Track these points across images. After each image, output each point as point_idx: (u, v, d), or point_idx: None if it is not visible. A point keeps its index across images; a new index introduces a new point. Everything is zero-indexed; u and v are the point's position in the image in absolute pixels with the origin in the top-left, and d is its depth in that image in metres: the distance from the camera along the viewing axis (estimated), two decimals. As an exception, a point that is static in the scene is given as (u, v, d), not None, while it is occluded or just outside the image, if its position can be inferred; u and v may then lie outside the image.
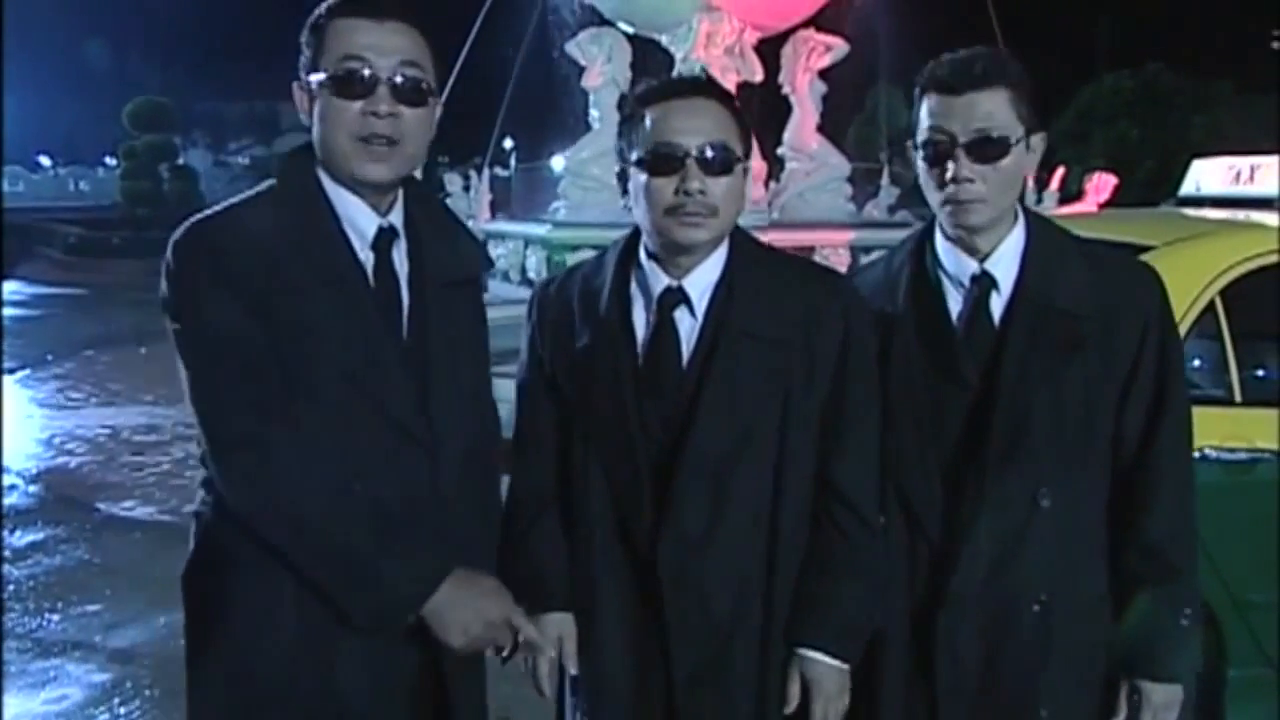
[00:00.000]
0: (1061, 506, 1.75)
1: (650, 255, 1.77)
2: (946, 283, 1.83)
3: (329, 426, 1.57)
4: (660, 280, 1.76)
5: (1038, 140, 1.79)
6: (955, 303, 1.82)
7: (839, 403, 1.74)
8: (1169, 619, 1.77)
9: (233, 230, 1.59)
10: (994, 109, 1.72)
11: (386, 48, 1.57)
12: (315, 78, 1.59)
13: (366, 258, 1.64)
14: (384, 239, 1.65)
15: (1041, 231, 1.83)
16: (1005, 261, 1.80)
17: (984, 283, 1.79)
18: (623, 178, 1.78)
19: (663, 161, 1.69)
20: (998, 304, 1.79)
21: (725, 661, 1.72)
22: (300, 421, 1.55)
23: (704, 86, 1.78)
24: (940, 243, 1.84)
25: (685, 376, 1.73)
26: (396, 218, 1.69)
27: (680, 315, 1.75)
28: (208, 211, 1.64)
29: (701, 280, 1.75)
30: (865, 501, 1.75)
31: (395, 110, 1.58)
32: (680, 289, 1.75)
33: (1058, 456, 1.75)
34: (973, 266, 1.80)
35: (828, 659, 1.71)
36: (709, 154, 1.68)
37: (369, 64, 1.56)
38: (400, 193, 1.71)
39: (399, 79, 1.58)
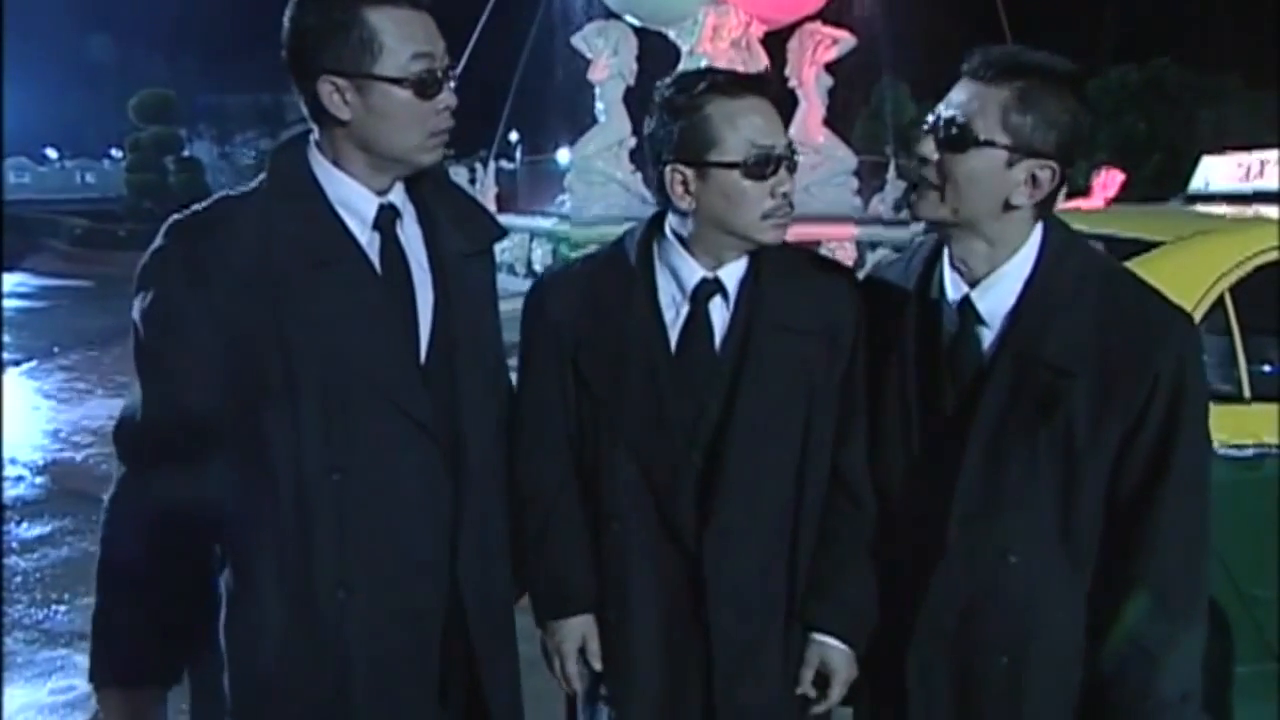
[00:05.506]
0: (1034, 565, 1.63)
1: (684, 246, 1.76)
2: (944, 303, 1.71)
3: (326, 416, 1.54)
4: (694, 271, 1.75)
5: (1040, 170, 1.59)
6: (951, 324, 1.69)
7: (849, 392, 1.76)
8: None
9: (213, 229, 1.55)
10: (980, 103, 1.58)
11: (437, 40, 1.57)
12: (377, 74, 1.53)
13: (370, 239, 1.61)
14: (386, 216, 1.63)
15: (1057, 264, 1.64)
16: (997, 293, 1.64)
17: (968, 313, 1.66)
18: (654, 168, 1.75)
19: (760, 165, 1.68)
20: (987, 337, 1.66)
21: (759, 650, 1.75)
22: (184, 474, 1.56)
23: (772, 84, 1.76)
24: (945, 258, 1.71)
25: (719, 367, 1.73)
26: (397, 197, 1.65)
27: (714, 306, 1.75)
28: (189, 210, 1.59)
29: (735, 272, 1.76)
30: (863, 486, 1.76)
31: (451, 103, 1.60)
32: (717, 280, 1.76)
33: (1030, 516, 1.62)
34: (961, 290, 1.67)
35: (840, 644, 1.74)
36: (793, 156, 1.72)
37: (434, 60, 1.56)
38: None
39: (450, 72, 1.60)
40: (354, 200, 1.60)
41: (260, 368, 1.52)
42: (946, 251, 1.70)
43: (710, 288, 1.75)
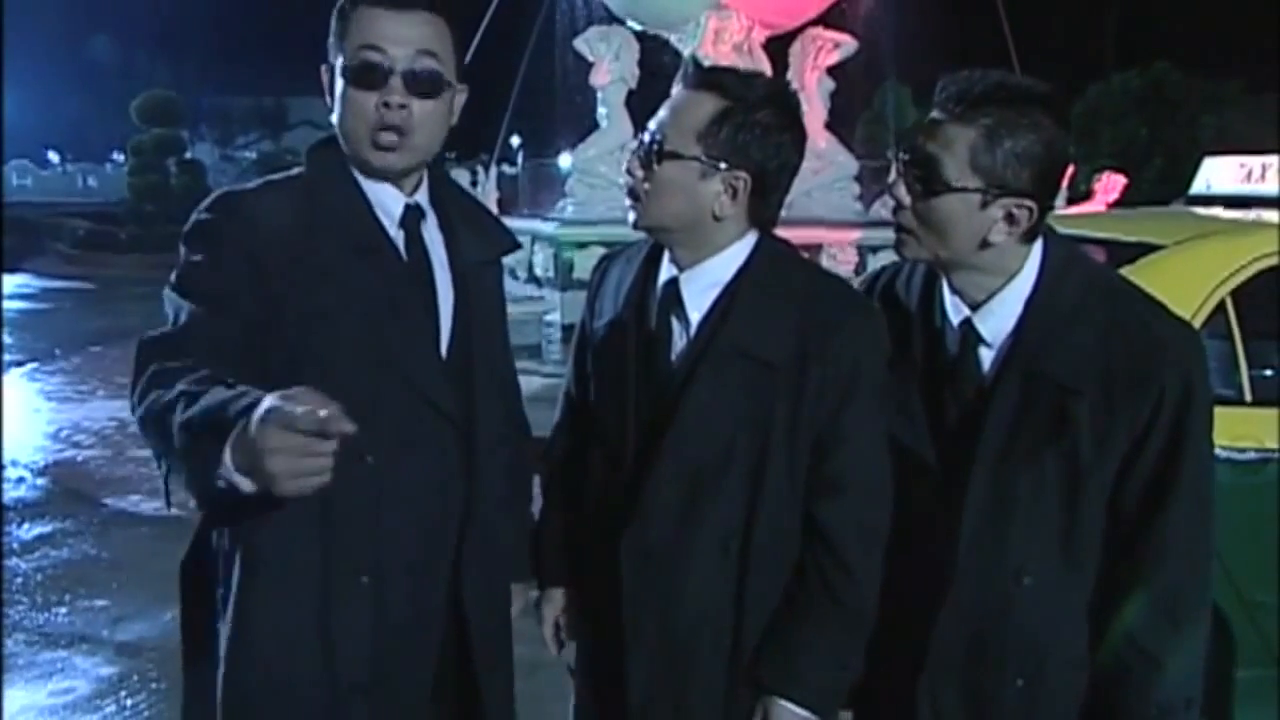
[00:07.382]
0: (1045, 583, 1.61)
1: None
2: (946, 323, 1.68)
3: (352, 400, 1.46)
4: (669, 271, 1.70)
5: (1016, 209, 1.56)
6: (953, 344, 1.67)
7: (835, 436, 1.61)
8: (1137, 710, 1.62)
9: (263, 204, 1.60)
10: (947, 143, 1.55)
11: (404, 38, 1.57)
12: (337, 64, 1.60)
13: (397, 236, 1.66)
14: (411, 216, 1.67)
15: (1058, 281, 1.62)
16: (999, 315, 1.63)
17: (969, 334, 1.65)
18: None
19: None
20: (988, 357, 1.64)
21: (683, 685, 1.65)
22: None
23: None
24: (944, 281, 1.69)
25: (672, 380, 1.66)
26: (422, 198, 1.71)
27: (676, 315, 1.69)
28: (237, 186, 1.66)
29: (704, 279, 1.67)
30: (851, 547, 1.62)
31: (406, 102, 1.57)
32: (676, 286, 1.68)
33: (1040, 535, 1.60)
34: (962, 313, 1.65)
35: (794, 707, 1.62)
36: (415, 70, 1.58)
37: (384, 54, 1.56)
38: (425, 175, 1.72)
39: (413, 70, 1.57)
40: (383, 198, 1.66)
41: (290, 341, 1.52)
42: (944, 277, 1.69)
43: (670, 293, 1.68)
